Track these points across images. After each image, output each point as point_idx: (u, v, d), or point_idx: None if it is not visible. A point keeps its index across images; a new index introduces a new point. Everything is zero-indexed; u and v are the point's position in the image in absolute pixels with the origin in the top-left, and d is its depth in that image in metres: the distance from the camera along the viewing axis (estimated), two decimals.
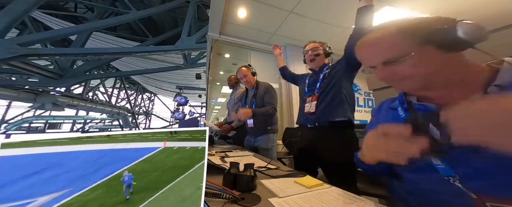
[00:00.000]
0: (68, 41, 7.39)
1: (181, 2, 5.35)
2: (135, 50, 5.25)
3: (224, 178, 0.69)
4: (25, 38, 4.29)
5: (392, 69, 0.47)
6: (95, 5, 5.88)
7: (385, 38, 0.48)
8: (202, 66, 6.47)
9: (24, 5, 3.89)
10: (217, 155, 1.29)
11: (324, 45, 1.38)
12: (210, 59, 3.29)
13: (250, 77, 1.87)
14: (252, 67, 1.92)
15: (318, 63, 1.37)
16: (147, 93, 18.31)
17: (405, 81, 0.48)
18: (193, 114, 13.33)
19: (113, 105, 11.98)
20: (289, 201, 0.57)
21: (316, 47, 1.36)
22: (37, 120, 11.62)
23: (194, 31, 5.09)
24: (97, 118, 14.13)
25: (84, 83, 9.50)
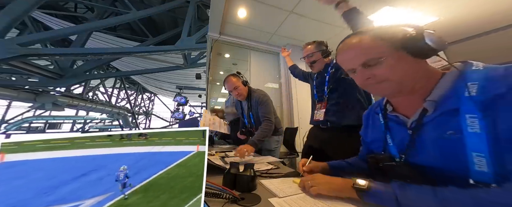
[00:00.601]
0: (68, 41, 7.38)
1: (181, 2, 5.34)
2: (135, 50, 5.25)
3: (224, 178, 0.69)
4: (25, 38, 4.29)
5: (371, 71, 0.51)
6: (95, 5, 5.87)
7: (363, 43, 0.52)
8: (202, 66, 6.47)
9: (24, 5, 3.88)
10: (217, 155, 1.29)
11: (321, 46, 1.32)
12: (210, 59, 3.29)
13: (242, 89, 1.63)
14: (242, 75, 1.70)
15: (318, 67, 1.35)
16: (147, 93, 18.31)
17: (383, 84, 0.52)
18: (193, 114, 13.32)
19: (113, 105, 11.98)
20: (289, 201, 0.57)
21: (311, 54, 1.31)
22: (37, 120, 11.61)
23: (194, 31, 5.08)
24: (97, 118, 14.12)
25: (84, 83, 9.49)
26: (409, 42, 0.46)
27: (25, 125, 11.38)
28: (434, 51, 0.45)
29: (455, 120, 0.44)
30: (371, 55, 0.50)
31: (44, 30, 5.79)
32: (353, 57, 0.54)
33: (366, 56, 0.51)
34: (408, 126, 0.55)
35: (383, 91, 0.56)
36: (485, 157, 0.39)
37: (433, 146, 0.49)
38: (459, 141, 0.43)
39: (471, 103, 0.42)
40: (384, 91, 0.56)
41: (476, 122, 0.41)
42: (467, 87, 0.43)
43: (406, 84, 0.50)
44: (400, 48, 0.48)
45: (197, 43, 4.86)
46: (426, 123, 0.50)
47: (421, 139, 0.52)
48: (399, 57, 0.48)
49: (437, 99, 0.48)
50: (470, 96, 0.42)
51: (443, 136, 0.46)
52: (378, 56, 0.49)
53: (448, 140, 0.45)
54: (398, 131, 0.59)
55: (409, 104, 0.55)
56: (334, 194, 0.56)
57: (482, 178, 0.40)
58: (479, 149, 0.40)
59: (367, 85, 0.55)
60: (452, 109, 0.45)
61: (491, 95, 0.40)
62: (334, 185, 0.57)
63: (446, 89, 0.47)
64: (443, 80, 0.49)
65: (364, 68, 0.52)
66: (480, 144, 0.40)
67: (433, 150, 0.49)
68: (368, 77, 0.52)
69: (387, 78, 0.50)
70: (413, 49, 0.46)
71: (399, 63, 0.49)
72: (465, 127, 0.42)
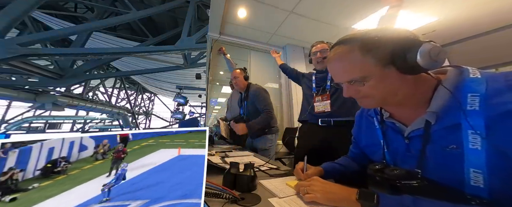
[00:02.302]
0: (68, 41, 7.38)
1: (181, 2, 5.34)
2: (135, 50, 5.24)
3: (224, 178, 0.69)
4: (25, 38, 4.28)
5: (355, 87, 0.51)
6: (95, 5, 5.87)
7: (349, 58, 0.50)
8: (202, 66, 6.46)
9: (24, 5, 3.88)
10: (217, 155, 1.29)
11: (331, 45, 1.38)
12: (210, 59, 3.29)
13: (240, 80, 1.87)
14: (246, 71, 1.94)
15: (325, 64, 1.36)
16: (147, 93, 18.29)
17: (366, 100, 0.52)
18: (193, 114, 13.32)
19: (113, 105, 11.97)
20: (289, 202, 0.57)
21: (325, 49, 1.34)
22: (37, 120, 11.61)
23: (194, 31, 5.08)
24: (97, 118, 14.12)
25: (84, 83, 9.48)
26: (399, 60, 0.44)
27: (25, 125, 11.38)
28: (425, 70, 0.43)
29: (457, 135, 0.42)
30: (355, 74, 0.49)
31: (44, 30, 5.78)
32: (339, 73, 0.54)
33: (350, 76, 0.50)
34: (405, 135, 0.53)
35: (367, 105, 0.56)
36: (482, 174, 0.39)
37: (433, 157, 0.47)
38: (459, 155, 0.42)
39: (474, 118, 0.40)
40: (368, 105, 0.57)
41: (478, 139, 0.39)
42: (467, 98, 0.41)
43: (390, 99, 0.50)
44: (387, 63, 0.45)
45: (197, 43, 4.86)
46: (429, 134, 0.48)
47: (417, 149, 0.50)
48: (385, 75, 0.46)
49: (437, 111, 0.46)
50: (473, 110, 0.40)
51: (444, 150, 0.45)
52: (363, 76, 0.48)
53: (449, 153, 0.44)
54: (393, 139, 0.58)
55: (404, 113, 0.54)
56: (333, 204, 0.53)
57: (477, 192, 0.40)
58: (478, 166, 0.39)
59: (352, 96, 0.55)
60: (455, 124, 0.43)
61: (497, 113, 0.38)
62: (333, 195, 0.54)
63: (445, 100, 0.45)
64: (441, 89, 0.46)
65: (349, 84, 0.52)
66: (479, 161, 0.39)
67: (431, 161, 0.48)
68: (353, 92, 0.53)
69: (370, 95, 0.50)
70: (402, 66, 0.44)
71: (383, 82, 0.47)
72: (467, 143, 0.41)
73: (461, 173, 0.41)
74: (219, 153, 1.35)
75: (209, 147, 1.61)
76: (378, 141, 0.62)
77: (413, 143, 0.52)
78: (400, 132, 0.55)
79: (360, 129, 0.74)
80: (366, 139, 0.70)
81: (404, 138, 0.53)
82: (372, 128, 0.65)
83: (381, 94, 0.49)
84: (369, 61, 0.47)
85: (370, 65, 0.47)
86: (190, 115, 12.04)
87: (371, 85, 0.48)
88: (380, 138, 0.61)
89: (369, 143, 0.68)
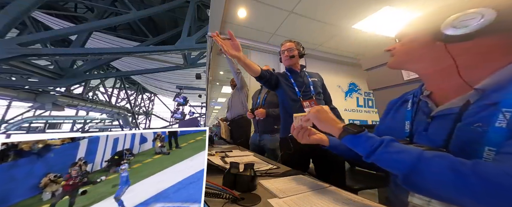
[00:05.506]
0: (68, 41, 7.39)
1: (181, 2, 5.34)
2: (135, 50, 5.25)
3: (224, 178, 0.69)
4: (25, 38, 4.29)
5: None
6: (95, 5, 5.87)
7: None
8: (202, 66, 6.47)
9: (24, 5, 3.88)
10: (217, 155, 1.29)
11: (299, 46, 1.41)
12: (210, 59, 3.30)
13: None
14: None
15: (294, 61, 1.39)
16: (147, 93, 18.30)
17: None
18: (193, 114, 13.33)
19: (113, 105, 11.98)
20: (289, 202, 0.57)
21: (291, 48, 1.39)
22: (37, 120, 11.61)
23: (194, 31, 5.08)
24: (97, 118, 14.12)
25: (84, 83, 9.49)
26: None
27: (25, 125, 11.38)
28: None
29: (488, 112, 0.39)
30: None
31: (44, 30, 5.78)
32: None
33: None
34: (432, 114, 0.50)
35: None
36: (495, 153, 0.37)
37: (452, 134, 0.44)
38: (481, 133, 0.39)
39: None
40: None
41: (508, 117, 0.36)
42: None
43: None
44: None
45: (197, 43, 4.86)
46: (461, 113, 0.44)
47: (436, 128, 0.48)
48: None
49: (487, 88, 0.41)
50: None
51: (467, 127, 0.41)
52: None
53: (471, 131, 0.41)
54: (418, 120, 0.55)
55: (450, 88, 0.49)
56: (318, 122, 0.59)
57: None
58: (495, 144, 0.37)
59: None
60: (494, 103, 0.39)
61: None
62: (323, 115, 0.59)
63: (504, 76, 0.40)
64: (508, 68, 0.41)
65: None
66: (498, 140, 0.36)
67: (447, 137, 0.45)
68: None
69: None
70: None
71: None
72: (495, 121, 0.37)
73: (475, 150, 0.39)
74: (219, 153, 1.35)
75: (209, 147, 1.61)
76: (403, 122, 0.59)
77: (434, 122, 0.49)
78: (426, 113, 0.53)
79: (386, 115, 0.71)
80: (391, 121, 0.67)
81: (428, 117, 0.51)
82: (401, 111, 0.62)
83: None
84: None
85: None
86: (190, 115, 12.04)
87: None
88: (407, 119, 0.58)
89: (392, 124, 0.65)
